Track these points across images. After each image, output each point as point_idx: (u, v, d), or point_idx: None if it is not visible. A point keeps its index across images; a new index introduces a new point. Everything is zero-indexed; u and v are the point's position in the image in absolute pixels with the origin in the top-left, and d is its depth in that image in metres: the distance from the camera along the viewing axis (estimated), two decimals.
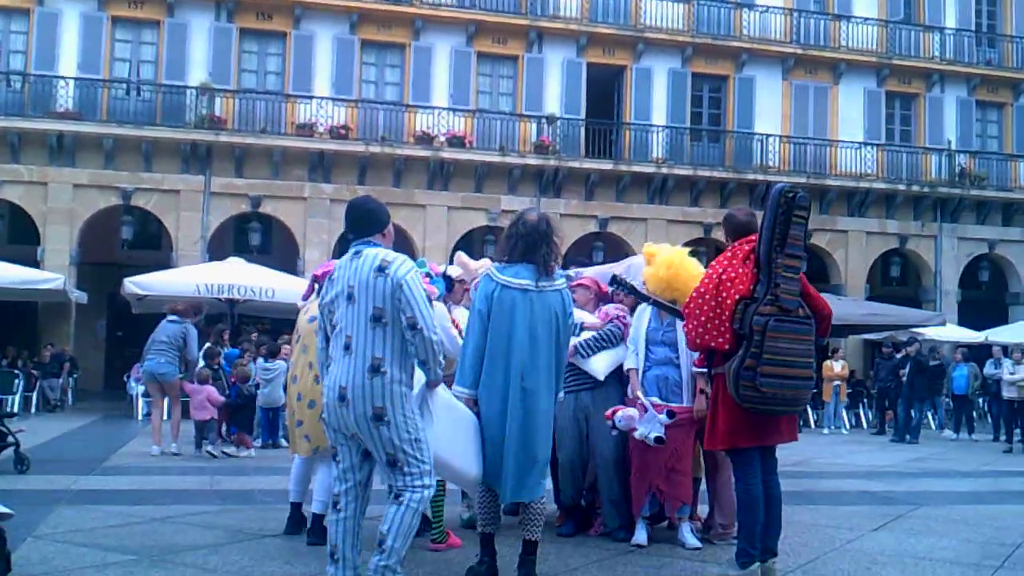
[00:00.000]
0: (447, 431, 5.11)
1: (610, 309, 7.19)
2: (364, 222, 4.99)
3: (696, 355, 6.27)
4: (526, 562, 5.39)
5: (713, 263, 5.80)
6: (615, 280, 6.62)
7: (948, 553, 6.87)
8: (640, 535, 6.80)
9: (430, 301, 4.98)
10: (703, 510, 7.31)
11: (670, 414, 6.51)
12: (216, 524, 7.19)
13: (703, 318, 5.56)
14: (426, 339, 4.70)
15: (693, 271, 6.77)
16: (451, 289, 6.92)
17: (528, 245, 5.41)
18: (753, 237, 5.74)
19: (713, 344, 5.56)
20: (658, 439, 6.49)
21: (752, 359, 5.38)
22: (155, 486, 9.50)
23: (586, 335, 6.97)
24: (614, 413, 6.66)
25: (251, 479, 10.13)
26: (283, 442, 14.04)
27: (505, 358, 5.30)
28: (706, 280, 5.68)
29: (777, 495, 5.75)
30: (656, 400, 6.72)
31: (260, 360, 14.28)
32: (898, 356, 21.20)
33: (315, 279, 6.81)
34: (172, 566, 5.69)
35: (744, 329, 5.44)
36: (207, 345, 14.98)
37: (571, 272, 7.84)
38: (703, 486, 7.23)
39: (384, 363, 4.67)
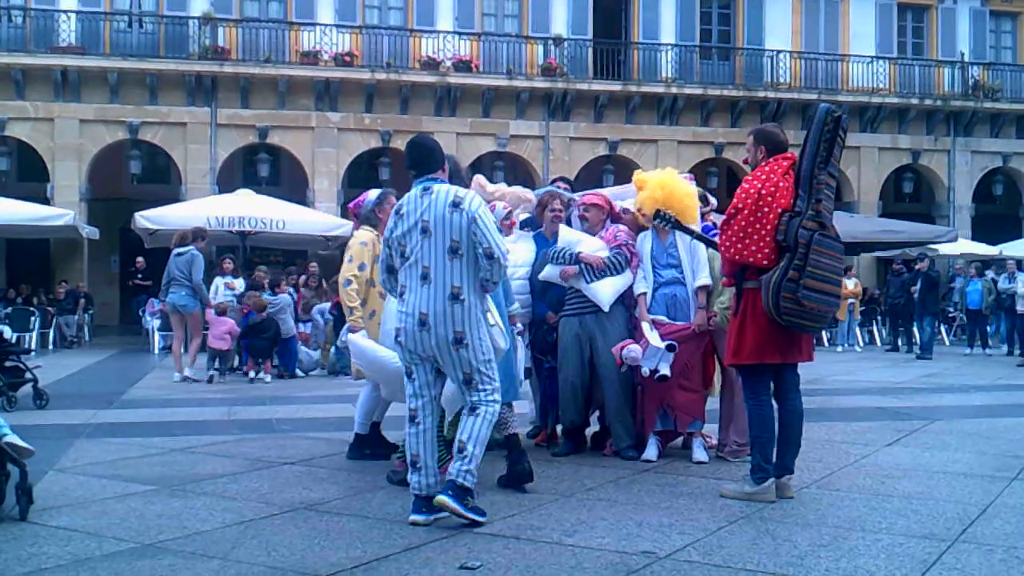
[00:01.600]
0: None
1: (619, 233, 7.14)
2: (426, 160, 5.31)
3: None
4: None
5: (749, 178, 5.70)
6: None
7: (962, 466, 6.89)
8: (651, 451, 6.90)
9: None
10: (711, 429, 7.35)
11: (671, 347, 6.55)
12: (235, 453, 7.25)
13: (740, 233, 5.54)
14: (502, 266, 5.20)
15: (686, 189, 6.89)
16: None
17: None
18: (789, 154, 5.72)
19: (752, 259, 5.54)
20: (661, 377, 6.56)
21: (796, 271, 5.37)
22: (173, 418, 9.58)
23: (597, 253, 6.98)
24: (621, 350, 6.71)
25: (268, 408, 10.22)
26: (298, 372, 14.19)
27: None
28: (743, 195, 5.61)
29: (799, 413, 5.81)
30: (664, 319, 6.80)
31: (265, 294, 14.32)
32: (907, 273, 21.11)
33: (353, 213, 7.28)
34: (192, 495, 5.75)
35: (789, 241, 5.42)
36: (222, 278, 15.04)
37: (559, 191, 7.81)
38: (711, 405, 7.28)
39: (462, 291, 5.07)
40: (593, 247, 7.01)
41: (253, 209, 19.18)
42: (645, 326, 6.73)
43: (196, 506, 5.46)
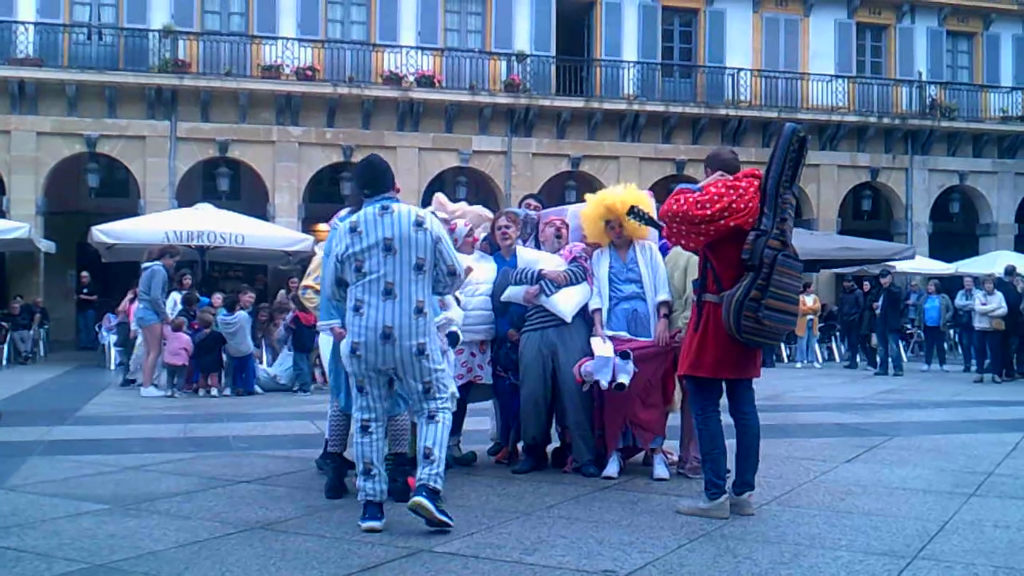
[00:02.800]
0: None
1: (574, 248, 7.17)
2: (380, 179, 5.57)
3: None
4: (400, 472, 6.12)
5: (719, 186, 5.60)
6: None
7: (921, 482, 6.93)
8: (612, 467, 6.89)
9: None
10: (672, 445, 7.35)
11: (624, 355, 6.54)
12: (190, 471, 7.14)
13: (691, 225, 5.53)
14: (461, 282, 5.74)
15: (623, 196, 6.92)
16: None
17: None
18: (758, 172, 5.71)
19: (682, 245, 5.79)
20: (619, 385, 6.55)
21: (758, 291, 5.42)
22: (128, 435, 9.42)
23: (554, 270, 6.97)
24: (579, 368, 6.72)
25: (225, 425, 10.08)
26: (258, 389, 14.07)
27: None
28: (713, 196, 5.52)
29: (756, 428, 5.83)
30: (625, 335, 6.82)
31: (221, 313, 14.20)
32: (859, 290, 21.26)
33: None
34: (146, 514, 5.64)
35: (754, 260, 5.45)
36: (184, 293, 14.92)
37: (519, 210, 7.83)
38: (672, 421, 7.28)
39: (425, 305, 5.39)
40: (553, 264, 7.00)
41: (212, 223, 18.96)
42: (595, 340, 6.73)
43: (150, 525, 5.36)
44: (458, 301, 6.81)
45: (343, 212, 6.52)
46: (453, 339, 6.60)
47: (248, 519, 5.53)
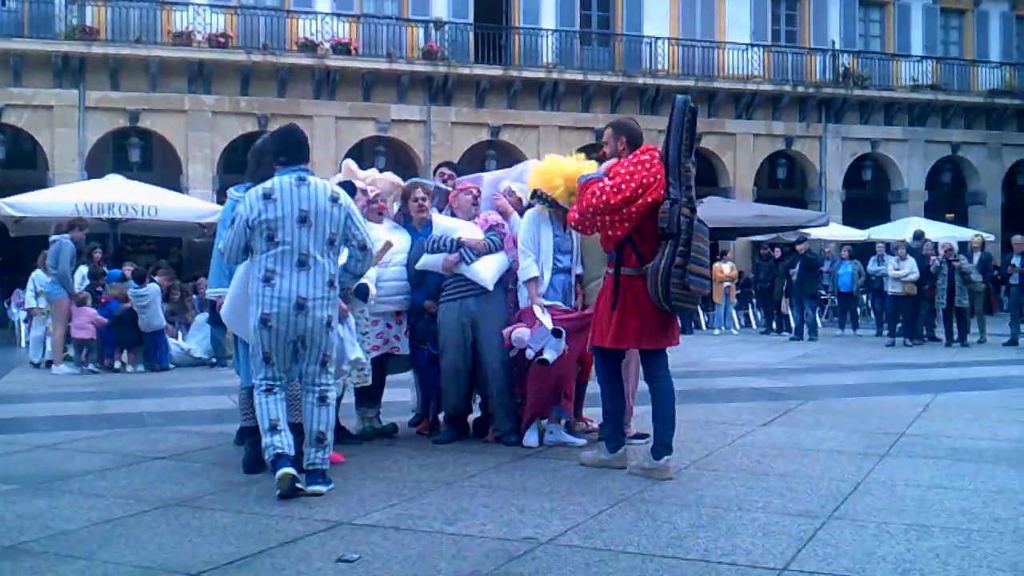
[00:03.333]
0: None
1: (489, 217, 7.11)
2: (299, 150, 5.58)
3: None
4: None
5: (632, 161, 5.75)
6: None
7: (835, 444, 7.07)
8: (531, 437, 6.89)
9: None
10: (593, 413, 7.37)
11: (556, 332, 6.49)
12: (104, 448, 6.98)
13: (613, 212, 5.65)
14: (371, 257, 5.80)
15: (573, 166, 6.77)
16: (352, 196, 6.87)
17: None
18: (652, 146, 5.88)
19: (608, 236, 5.80)
20: (542, 360, 6.48)
21: (681, 258, 5.56)
22: (40, 413, 9.17)
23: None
24: (511, 333, 6.66)
25: (138, 402, 9.86)
26: (171, 365, 13.82)
27: None
28: (626, 176, 5.65)
29: (671, 391, 5.95)
30: (561, 305, 6.78)
31: (132, 286, 13.88)
32: (775, 258, 21.59)
33: None
34: (58, 493, 5.50)
35: (671, 228, 5.56)
36: (87, 267, 14.54)
37: (429, 182, 7.75)
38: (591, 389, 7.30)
39: (335, 278, 5.50)
40: (471, 232, 6.93)
41: (123, 195, 18.42)
42: (537, 309, 6.61)
43: (61, 505, 5.22)
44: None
45: (237, 187, 6.41)
46: (363, 292, 6.50)
47: (164, 496, 5.42)
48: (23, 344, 18.06)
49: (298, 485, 5.29)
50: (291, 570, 4.06)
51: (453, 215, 7.37)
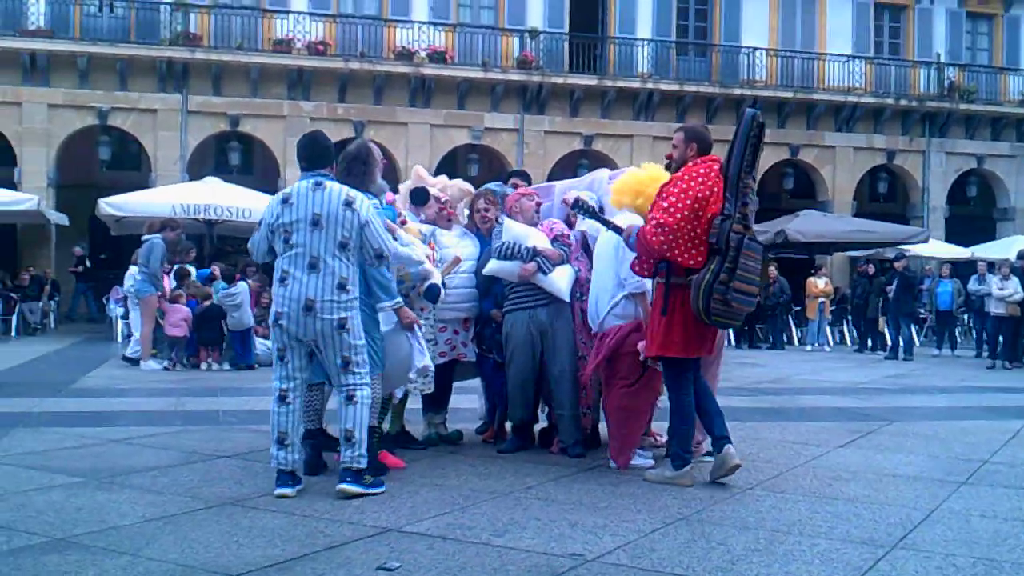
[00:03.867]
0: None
1: (554, 226, 7.00)
2: (320, 156, 5.68)
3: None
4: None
5: (684, 178, 5.75)
6: (578, 204, 6.43)
7: (912, 469, 6.79)
8: (644, 459, 6.56)
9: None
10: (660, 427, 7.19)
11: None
12: (172, 445, 7.08)
13: (679, 234, 5.60)
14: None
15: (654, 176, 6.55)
16: (425, 202, 7.10)
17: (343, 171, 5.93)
18: (716, 157, 5.86)
19: (680, 259, 5.65)
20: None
21: (726, 275, 5.53)
22: (119, 407, 9.39)
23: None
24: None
25: (217, 400, 10.01)
26: (256, 364, 14.01)
27: None
28: (680, 195, 5.65)
29: (705, 386, 6.14)
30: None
31: (221, 286, 14.13)
32: (870, 274, 21.03)
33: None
34: (119, 488, 5.58)
35: (720, 244, 5.56)
36: (177, 266, 14.85)
37: (496, 186, 7.67)
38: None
39: (348, 282, 5.48)
40: (540, 239, 6.85)
41: (220, 197, 18.88)
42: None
43: (119, 499, 5.29)
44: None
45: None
46: (433, 294, 6.46)
47: (220, 494, 5.46)
48: (119, 339, 18.57)
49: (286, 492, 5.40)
50: (331, 575, 4.03)
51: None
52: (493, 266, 6.87)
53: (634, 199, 6.49)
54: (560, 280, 6.78)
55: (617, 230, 6.22)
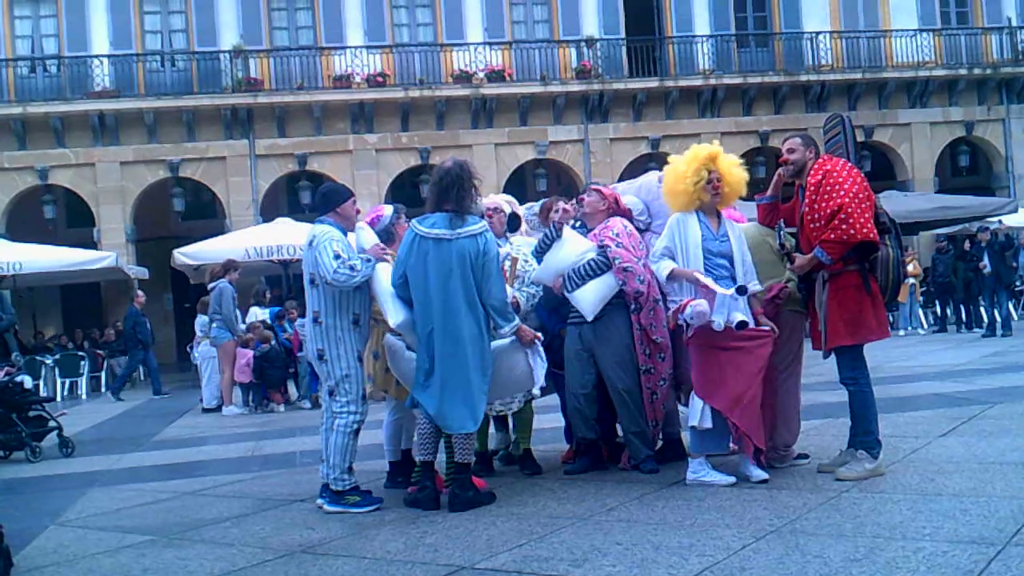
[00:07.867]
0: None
1: (599, 231, 6.68)
2: (320, 204, 6.25)
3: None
4: (455, 480, 5.91)
5: (833, 172, 5.89)
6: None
7: (1019, 454, 6.31)
8: (757, 470, 6.05)
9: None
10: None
11: (741, 289, 5.84)
12: (246, 493, 6.96)
13: (864, 215, 5.75)
14: (338, 285, 5.76)
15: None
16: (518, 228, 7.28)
17: (440, 192, 5.82)
18: (826, 157, 6.14)
19: (873, 236, 5.75)
20: (741, 323, 5.76)
21: (897, 250, 5.92)
22: (196, 457, 9.35)
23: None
24: (682, 310, 5.87)
25: (295, 440, 9.88)
26: None
27: (424, 304, 5.77)
28: (855, 179, 5.85)
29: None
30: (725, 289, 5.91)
31: (298, 323, 14.20)
32: (952, 250, 20.27)
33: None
34: (189, 543, 5.45)
35: (889, 223, 5.92)
36: (275, 309, 15.06)
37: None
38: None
39: (320, 315, 5.93)
40: (576, 248, 6.51)
41: (290, 237, 18.95)
42: (700, 277, 5.86)
43: (188, 556, 5.16)
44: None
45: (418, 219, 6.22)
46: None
47: (291, 542, 5.29)
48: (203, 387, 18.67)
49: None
50: None
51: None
52: (537, 273, 6.73)
53: (685, 195, 6.16)
54: (585, 298, 6.44)
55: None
